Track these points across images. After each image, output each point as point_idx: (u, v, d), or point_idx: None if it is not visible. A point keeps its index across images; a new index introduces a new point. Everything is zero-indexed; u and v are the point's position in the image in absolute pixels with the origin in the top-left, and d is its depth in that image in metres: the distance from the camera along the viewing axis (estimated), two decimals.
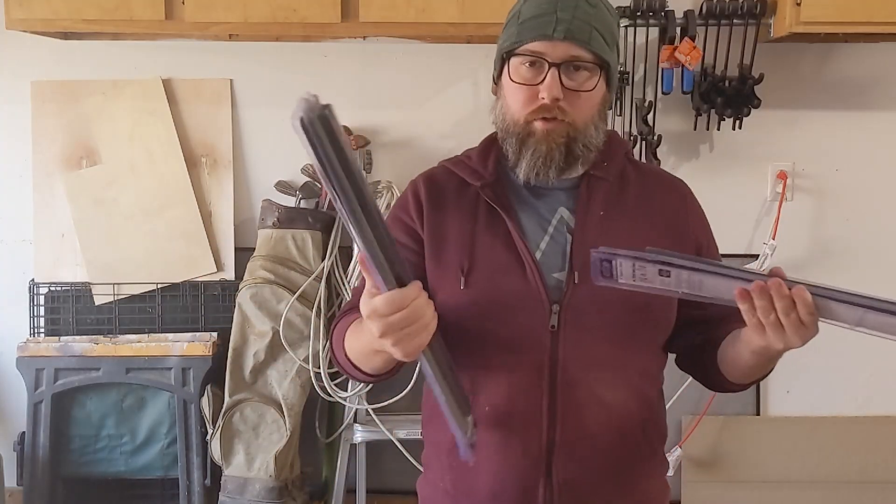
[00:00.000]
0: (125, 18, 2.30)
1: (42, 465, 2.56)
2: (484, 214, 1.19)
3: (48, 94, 2.66)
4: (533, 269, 1.14)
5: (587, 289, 1.12)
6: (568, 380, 1.13)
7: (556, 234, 1.17)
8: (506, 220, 1.17)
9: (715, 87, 2.49)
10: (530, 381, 1.14)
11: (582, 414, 1.13)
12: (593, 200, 1.18)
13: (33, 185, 2.69)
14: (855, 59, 2.60)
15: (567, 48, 1.11)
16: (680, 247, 1.19)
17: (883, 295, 0.92)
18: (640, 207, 1.21)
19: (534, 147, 1.14)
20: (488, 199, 1.19)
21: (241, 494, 2.49)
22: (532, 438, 1.14)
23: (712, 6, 2.42)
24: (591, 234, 1.16)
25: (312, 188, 2.64)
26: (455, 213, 1.20)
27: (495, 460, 1.15)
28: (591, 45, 1.11)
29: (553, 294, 1.14)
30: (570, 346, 1.13)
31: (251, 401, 2.52)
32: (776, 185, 2.65)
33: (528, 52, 1.13)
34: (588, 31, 1.11)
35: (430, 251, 1.20)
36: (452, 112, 2.64)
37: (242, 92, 2.68)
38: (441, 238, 1.19)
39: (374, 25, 2.32)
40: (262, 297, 2.52)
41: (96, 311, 2.67)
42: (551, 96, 1.11)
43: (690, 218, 1.24)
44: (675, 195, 1.25)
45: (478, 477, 1.17)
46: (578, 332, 1.13)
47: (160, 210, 2.66)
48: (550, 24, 1.11)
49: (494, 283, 1.15)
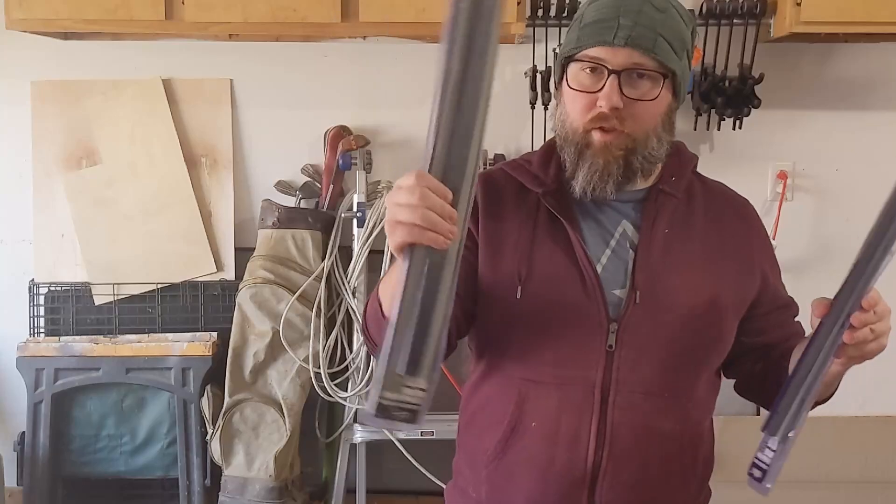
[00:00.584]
0: (125, 18, 2.30)
1: (42, 465, 2.56)
2: (544, 223, 1.14)
3: (48, 95, 2.66)
4: (594, 283, 1.10)
5: (647, 309, 1.10)
6: (620, 402, 1.09)
7: (619, 248, 1.13)
8: (568, 229, 1.12)
9: (715, 87, 2.49)
10: (581, 400, 1.10)
11: (631, 439, 1.10)
12: (660, 217, 1.14)
13: (33, 185, 2.69)
14: (855, 59, 2.60)
15: (629, 55, 1.05)
16: (748, 273, 1.17)
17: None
18: (706, 228, 1.16)
19: (591, 160, 1.09)
20: (550, 206, 1.14)
21: (241, 494, 2.49)
22: (577, 458, 1.10)
23: (712, 6, 2.42)
24: (656, 252, 1.12)
25: (312, 188, 2.64)
26: (514, 219, 1.15)
27: (537, 477, 1.12)
28: (656, 52, 1.05)
29: (612, 311, 1.10)
30: (625, 367, 1.09)
31: (251, 401, 2.52)
32: (776, 185, 2.64)
33: (587, 57, 1.07)
34: (652, 38, 1.05)
35: (486, 256, 1.14)
36: None
37: (242, 92, 2.68)
38: (498, 243, 1.14)
39: (374, 25, 2.32)
40: (262, 297, 2.52)
41: (96, 311, 2.67)
42: (609, 104, 1.05)
43: (757, 244, 1.21)
44: (743, 219, 1.21)
45: (517, 492, 1.14)
46: (636, 353, 1.09)
47: (160, 210, 2.66)
48: (611, 30, 1.05)
49: (553, 294, 1.10)
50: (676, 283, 1.11)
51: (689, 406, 1.14)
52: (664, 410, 1.11)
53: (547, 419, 1.11)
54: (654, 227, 1.13)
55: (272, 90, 2.67)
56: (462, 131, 0.82)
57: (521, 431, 1.13)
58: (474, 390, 1.21)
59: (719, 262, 1.14)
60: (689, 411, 1.14)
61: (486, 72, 0.83)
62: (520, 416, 1.13)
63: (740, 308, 1.17)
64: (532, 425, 1.12)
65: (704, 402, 1.17)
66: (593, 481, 1.10)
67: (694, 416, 1.15)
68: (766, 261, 1.21)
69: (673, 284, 1.11)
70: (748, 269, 1.17)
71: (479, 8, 0.81)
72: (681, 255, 1.12)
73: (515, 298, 1.11)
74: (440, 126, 0.82)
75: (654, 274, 1.11)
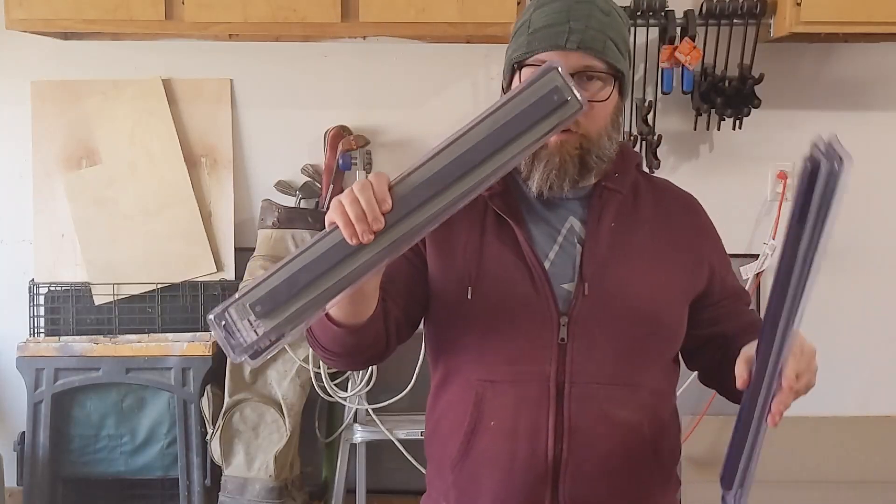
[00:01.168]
0: (125, 18, 2.30)
1: (42, 465, 2.56)
2: (492, 224, 1.17)
3: (48, 94, 2.66)
4: (542, 278, 1.12)
5: (596, 300, 1.11)
6: (576, 394, 1.11)
7: (566, 243, 1.15)
8: (515, 228, 1.14)
9: (715, 87, 2.48)
10: (537, 395, 1.11)
11: (590, 431, 1.11)
12: (605, 212, 1.16)
13: (33, 185, 2.69)
14: (855, 59, 2.60)
15: (580, 58, 1.08)
16: (697, 263, 1.19)
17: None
18: (654, 222, 1.19)
19: (546, 159, 1.11)
20: (497, 208, 1.16)
21: (240, 494, 2.49)
22: (538, 453, 1.11)
23: (712, 6, 2.42)
24: (603, 245, 1.14)
25: (312, 188, 2.64)
26: (463, 222, 1.17)
27: (500, 475, 1.13)
28: (605, 54, 1.08)
29: (562, 305, 1.12)
30: (578, 359, 1.11)
31: (251, 401, 2.52)
32: (776, 185, 2.64)
33: (539, 62, 1.09)
34: (602, 41, 1.08)
35: (436, 261, 1.17)
36: (452, 112, 2.63)
37: (242, 92, 2.68)
38: (448, 248, 1.17)
39: (374, 25, 2.32)
40: None
41: (96, 311, 2.67)
42: None
43: (704, 236, 1.23)
44: (689, 212, 1.24)
45: (482, 493, 1.15)
46: (587, 345, 1.11)
47: (160, 210, 2.66)
48: (563, 34, 1.08)
49: (502, 292, 1.13)
50: (623, 274, 1.14)
51: (645, 394, 1.15)
52: (620, 399, 1.13)
53: (505, 417, 1.13)
54: (601, 222, 1.16)
55: (272, 90, 2.67)
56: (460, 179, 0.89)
57: (480, 431, 1.14)
58: (435, 399, 1.23)
59: (667, 254, 1.17)
60: (645, 399, 1.15)
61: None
62: (478, 416, 1.14)
63: (689, 297, 1.19)
64: (491, 424, 1.13)
65: (662, 390, 1.19)
66: (556, 475, 1.11)
67: (652, 403, 1.16)
68: (714, 252, 1.24)
69: (620, 276, 1.13)
70: (697, 260, 1.20)
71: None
72: (627, 248, 1.15)
73: (466, 299, 1.13)
74: (437, 156, 0.89)
75: (601, 266, 1.13)
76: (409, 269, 1.18)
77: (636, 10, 2.40)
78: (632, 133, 2.52)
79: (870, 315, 2.71)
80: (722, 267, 1.24)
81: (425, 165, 0.90)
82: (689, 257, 1.19)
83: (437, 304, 1.18)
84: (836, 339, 2.71)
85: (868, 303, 2.70)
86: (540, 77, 0.89)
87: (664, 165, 2.58)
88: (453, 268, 1.16)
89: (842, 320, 2.70)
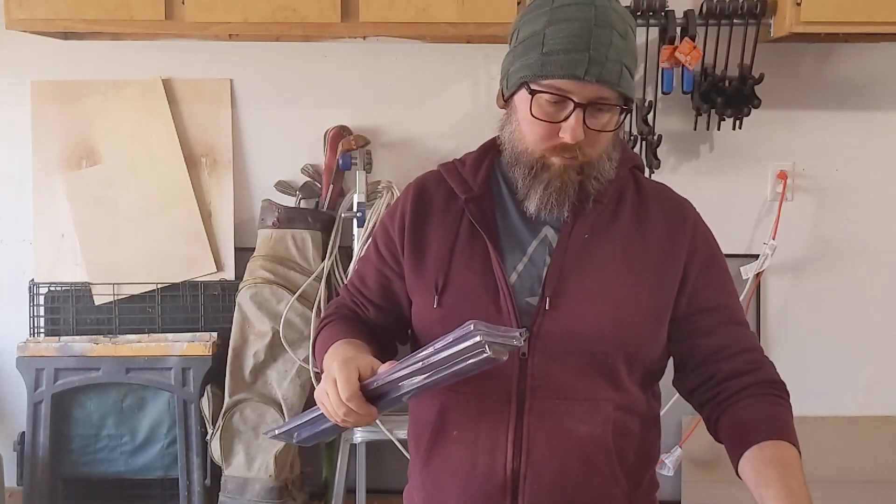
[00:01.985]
0: (125, 18, 2.30)
1: (42, 465, 2.56)
2: (466, 230, 1.16)
3: (48, 94, 2.66)
4: (506, 295, 1.10)
5: (559, 316, 1.10)
6: (535, 409, 1.10)
7: (536, 255, 1.14)
8: (485, 237, 1.13)
9: (715, 87, 2.48)
10: (497, 409, 1.11)
11: (547, 444, 1.10)
12: (579, 223, 1.13)
13: (33, 185, 2.69)
14: (855, 59, 2.60)
15: (596, 90, 1.04)
16: (662, 279, 1.14)
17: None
18: (630, 231, 1.15)
19: (547, 181, 1.09)
20: (471, 214, 1.15)
21: (241, 494, 2.49)
22: (497, 466, 1.11)
23: (712, 6, 2.42)
24: (572, 257, 1.12)
25: (312, 188, 2.64)
26: (438, 226, 1.18)
27: (461, 483, 1.13)
28: (621, 85, 1.05)
29: (524, 319, 1.10)
30: (538, 375, 1.10)
31: (251, 401, 2.52)
32: (776, 185, 2.64)
33: (553, 88, 1.05)
34: (618, 72, 1.05)
35: (410, 263, 1.18)
36: (452, 112, 2.64)
37: (242, 92, 2.68)
38: (422, 251, 1.18)
39: (374, 25, 2.32)
40: (262, 297, 2.52)
41: (96, 311, 2.67)
42: (574, 139, 1.05)
43: (681, 248, 1.15)
44: (673, 219, 1.17)
45: (446, 496, 1.16)
46: (548, 361, 1.10)
47: (160, 210, 2.66)
48: (582, 65, 1.02)
49: (466, 304, 1.12)
50: (588, 287, 1.11)
51: (608, 408, 1.12)
52: (579, 415, 1.10)
53: (466, 428, 1.13)
54: (573, 233, 1.13)
55: (272, 90, 2.67)
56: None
57: (443, 440, 1.15)
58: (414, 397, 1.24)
59: (637, 265, 1.13)
60: (609, 414, 1.12)
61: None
62: (442, 424, 1.15)
63: (661, 310, 1.14)
64: (454, 434, 1.14)
65: (632, 403, 1.15)
66: (515, 487, 1.11)
67: (618, 417, 1.12)
68: (695, 262, 1.16)
69: (586, 289, 1.11)
70: (667, 271, 1.14)
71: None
72: (597, 260, 1.12)
73: (433, 308, 1.13)
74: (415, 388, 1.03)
75: (567, 280, 1.11)
76: (387, 272, 1.23)
77: (636, 10, 2.40)
78: (632, 133, 2.53)
79: (870, 315, 2.71)
80: (704, 277, 1.16)
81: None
82: (659, 268, 1.14)
83: (414, 308, 1.20)
84: (836, 339, 2.71)
85: (868, 303, 2.70)
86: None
87: (664, 165, 2.58)
88: (424, 275, 1.17)
89: (842, 320, 2.70)
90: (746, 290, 2.61)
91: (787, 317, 2.71)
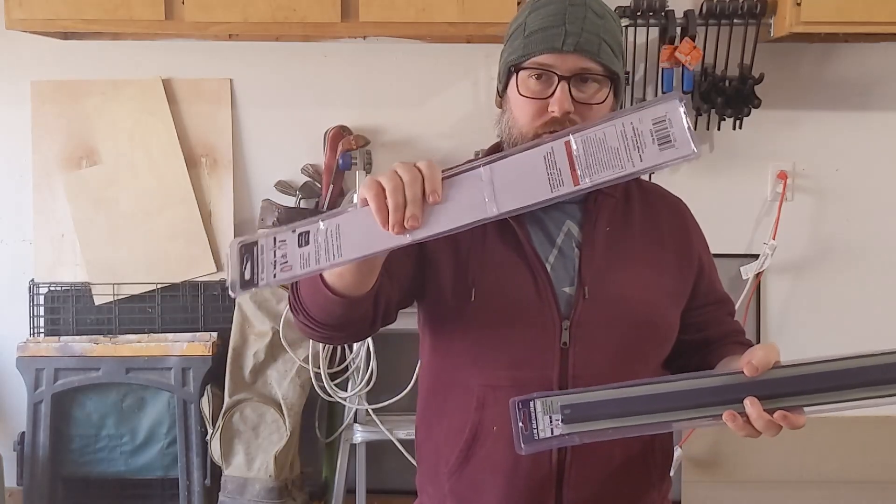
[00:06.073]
0: (125, 18, 2.30)
1: (42, 465, 2.56)
2: (493, 225, 1.14)
3: (48, 94, 2.66)
4: (545, 281, 1.12)
5: (597, 304, 1.11)
6: None
7: (565, 247, 1.15)
8: (517, 230, 1.14)
9: (715, 87, 2.49)
10: None
11: None
12: (600, 216, 1.17)
13: (33, 185, 2.69)
14: (855, 59, 2.60)
15: (576, 60, 1.08)
16: (686, 264, 1.20)
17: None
18: (644, 225, 1.20)
19: None
20: None
21: (240, 495, 2.49)
22: (542, 458, 1.11)
23: (712, 6, 2.42)
24: (600, 249, 1.15)
25: (312, 188, 2.64)
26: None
27: (502, 482, 1.13)
28: (601, 56, 1.09)
29: (563, 309, 1.12)
30: (580, 363, 1.11)
31: (251, 401, 2.52)
32: (776, 185, 2.64)
33: (536, 64, 1.09)
34: (597, 43, 1.08)
35: (437, 264, 1.16)
36: (452, 112, 2.64)
37: (242, 92, 2.68)
38: (452, 249, 1.16)
39: (374, 25, 2.32)
40: (262, 297, 2.52)
41: (96, 311, 2.67)
42: (562, 110, 1.08)
43: (693, 238, 1.24)
44: (677, 215, 1.25)
45: (483, 499, 1.14)
46: (589, 349, 1.11)
47: (160, 210, 2.66)
48: (559, 37, 1.08)
49: (505, 294, 1.12)
50: (622, 277, 1.14)
51: None
52: None
53: (508, 422, 1.09)
54: (597, 226, 1.16)
55: (272, 90, 2.67)
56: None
57: (482, 438, 1.14)
58: (427, 404, 1.23)
59: (657, 256, 1.18)
60: None
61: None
62: (480, 421, 1.13)
63: (679, 298, 1.20)
64: (494, 430, 1.13)
65: None
66: (560, 479, 1.12)
67: None
68: (703, 253, 1.24)
69: (618, 279, 1.14)
70: (684, 262, 1.21)
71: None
72: (622, 252, 1.16)
73: (469, 302, 1.12)
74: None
75: (600, 270, 1.13)
76: (409, 258, 1.15)
77: (636, 10, 2.40)
78: None
79: (870, 315, 2.71)
80: (708, 269, 1.25)
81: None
82: (677, 258, 1.20)
83: (439, 305, 1.17)
84: (836, 339, 2.71)
85: (868, 303, 2.70)
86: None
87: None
88: (457, 268, 1.15)
89: (842, 320, 2.70)
90: (746, 290, 2.61)
91: (787, 317, 2.71)
